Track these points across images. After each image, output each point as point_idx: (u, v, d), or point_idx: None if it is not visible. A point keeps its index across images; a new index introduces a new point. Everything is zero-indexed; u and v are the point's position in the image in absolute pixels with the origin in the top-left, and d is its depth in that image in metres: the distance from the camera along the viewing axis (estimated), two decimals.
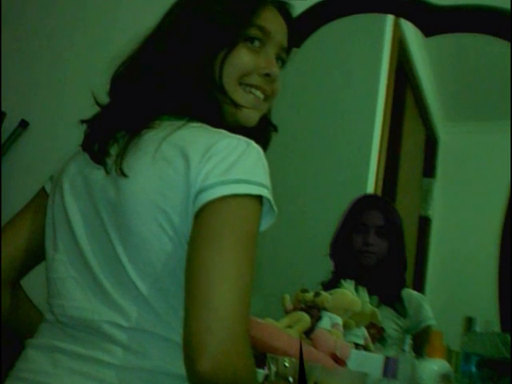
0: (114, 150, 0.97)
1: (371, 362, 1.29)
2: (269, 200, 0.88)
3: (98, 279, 0.92)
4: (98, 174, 0.97)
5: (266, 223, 0.90)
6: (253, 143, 0.90)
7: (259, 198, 0.87)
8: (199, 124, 0.96)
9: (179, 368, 0.81)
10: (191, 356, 0.78)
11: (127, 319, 0.89)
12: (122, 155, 0.94)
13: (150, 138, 0.94)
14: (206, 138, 0.90)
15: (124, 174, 0.91)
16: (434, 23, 1.71)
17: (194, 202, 0.86)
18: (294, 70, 1.20)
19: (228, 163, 0.86)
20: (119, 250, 0.91)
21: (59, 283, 0.97)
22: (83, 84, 1.38)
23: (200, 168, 0.86)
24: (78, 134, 1.04)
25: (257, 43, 1.03)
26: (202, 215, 0.85)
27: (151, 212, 0.88)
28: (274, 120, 1.15)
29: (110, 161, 0.96)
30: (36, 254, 1.08)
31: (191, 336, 0.79)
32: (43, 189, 1.11)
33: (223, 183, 0.85)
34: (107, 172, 0.95)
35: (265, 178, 0.88)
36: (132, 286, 0.89)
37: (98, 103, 1.05)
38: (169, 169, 0.89)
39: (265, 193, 0.87)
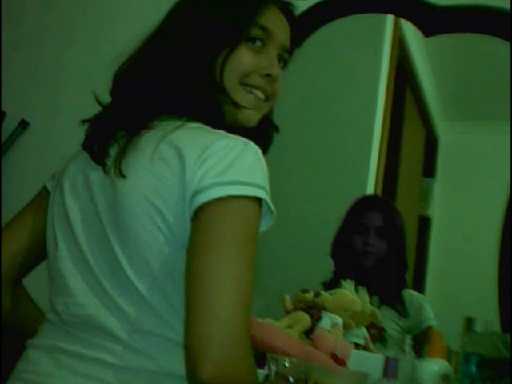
0: (113, 151, 0.97)
1: (371, 361, 1.29)
2: (266, 201, 0.87)
3: (98, 279, 0.92)
4: (97, 174, 0.97)
5: (264, 224, 0.89)
6: (251, 144, 0.90)
7: (258, 200, 0.86)
8: (198, 124, 0.96)
9: (181, 368, 0.80)
10: (193, 361, 0.77)
11: (128, 320, 0.89)
12: (120, 156, 0.93)
13: (149, 138, 0.94)
14: (203, 139, 0.89)
15: (122, 175, 0.91)
16: (434, 23, 1.71)
17: (191, 204, 0.86)
18: (294, 70, 1.20)
19: (225, 164, 0.86)
20: (118, 250, 0.91)
21: (61, 281, 0.96)
22: (83, 84, 1.38)
23: (196, 169, 0.86)
24: (78, 134, 1.04)
25: (258, 43, 1.02)
26: (199, 217, 0.85)
27: (148, 212, 0.88)
28: (274, 120, 1.15)
29: (109, 161, 0.96)
30: (37, 253, 1.08)
31: (192, 341, 0.78)
32: (45, 187, 1.11)
33: (218, 184, 0.84)
34: (106, 172, 0.95)
35: (262, 179, 0.87)
36: (131, 286, 0.89)
37: (99, 102, 1.05)
38: (165, 169, 0.88)
39: (262, 194, 0.86)
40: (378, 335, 1.52)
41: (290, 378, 0.98)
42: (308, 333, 1.39)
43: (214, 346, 0.77)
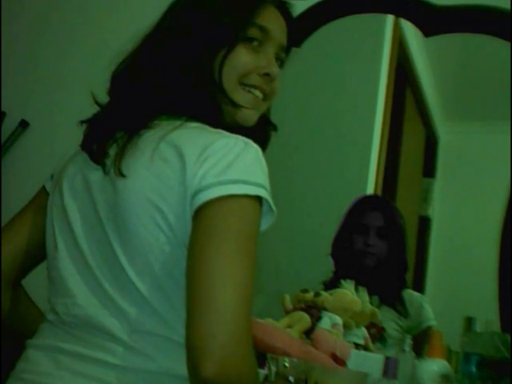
0: (112, 151, 0.97)
1: (371, 361, 1.29)
2: (267, 200, 0.87)
3: (98, 279, 0.92)
4: (96, 174, 0.97)
5: (265, 223, 0.90)
6: (251, 143, 0.90)
7: (258, 199, 0.86)
8: (198, 124, 0.96)
9: (182, 369, 0.81)
10: (195, 360, 0.77)
11: (128, 320, 0.89)
12: (120, 155, 0.93)
13: (149, 138, 0.94)
14: (203, 138, 0.90)
15: (122, 175, 0.91)
16: (433, 23, 1.71)
17: (192, 203, 0.86)
18: (294, 70, 1.20)
19: (225, 163, 0.86)
20: (118, 250, 0.91)
21: (61, 282, 0.96)
22: (83, 84, 1.38)
23: (197, 168, 0.86)
24: (78, 133, 1.04)
25: (256, 43, 1.03)
26: (200, 217, 0.85)
27: (148, 211, 0.88)
28: (274, 120, 1.15)
29: (108, 161, 0.96)
30: (37, 254, 1.07)
31: (195, 340, 0.78)
32: (43, 188, 1.11)
33: (220, 183, 0.84)
34: (105, 172, 0.95)
35: (263, 178, 0.87)
36: (132, 286, 0.89)
37: (97, 103, 1.05)
38: (166, 168, 0.88)
39: (262, 193, 0.86)
40: (377, 335, 1.52)
41: (290, 378, 0.98)
42: (308, 333, 1.39)
43: (216, 345, 0.77)
